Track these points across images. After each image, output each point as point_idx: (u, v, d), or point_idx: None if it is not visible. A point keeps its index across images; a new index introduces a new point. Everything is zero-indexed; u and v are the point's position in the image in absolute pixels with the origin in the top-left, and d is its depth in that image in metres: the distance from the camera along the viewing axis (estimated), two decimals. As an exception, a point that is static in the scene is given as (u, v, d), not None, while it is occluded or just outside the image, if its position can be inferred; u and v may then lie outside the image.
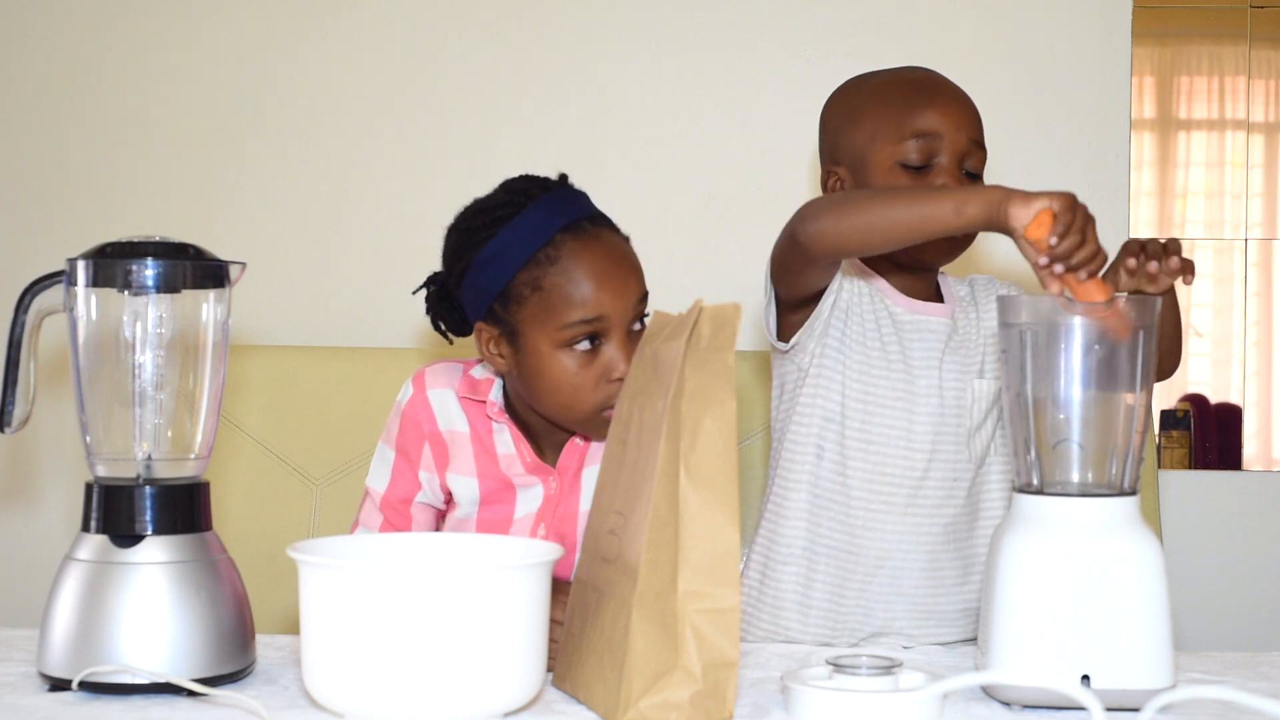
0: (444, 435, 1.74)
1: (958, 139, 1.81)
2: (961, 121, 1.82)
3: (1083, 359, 1.36)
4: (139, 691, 1.32)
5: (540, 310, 1.62)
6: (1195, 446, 2.63)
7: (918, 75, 1.89)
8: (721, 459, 1.26)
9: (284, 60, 2.63)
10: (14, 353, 1.42)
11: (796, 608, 1.82)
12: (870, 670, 1.28)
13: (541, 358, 1.63)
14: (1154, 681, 1.30)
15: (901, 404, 1.82)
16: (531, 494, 1.74)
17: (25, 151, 2.64)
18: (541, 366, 1.63)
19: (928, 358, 1.84)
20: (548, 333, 1.62)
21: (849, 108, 1.90)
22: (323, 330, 2.60)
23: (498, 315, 1.65)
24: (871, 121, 1.84)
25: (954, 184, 1.79)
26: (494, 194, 1.70)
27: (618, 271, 1.64)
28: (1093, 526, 1.33)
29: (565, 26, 2.61)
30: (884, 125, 1.83)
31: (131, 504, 1.36)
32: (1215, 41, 2.62)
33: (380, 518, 1.78)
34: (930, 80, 1.88)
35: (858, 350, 1.83)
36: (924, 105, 1.83)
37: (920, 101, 1.83)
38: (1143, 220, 2.62)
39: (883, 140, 1.83)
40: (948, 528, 1.82)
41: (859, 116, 1.87)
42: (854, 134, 1.86)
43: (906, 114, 1.82)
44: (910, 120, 1.82)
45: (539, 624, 1.25)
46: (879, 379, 1.83)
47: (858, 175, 1.85)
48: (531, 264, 1.62)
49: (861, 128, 1.85)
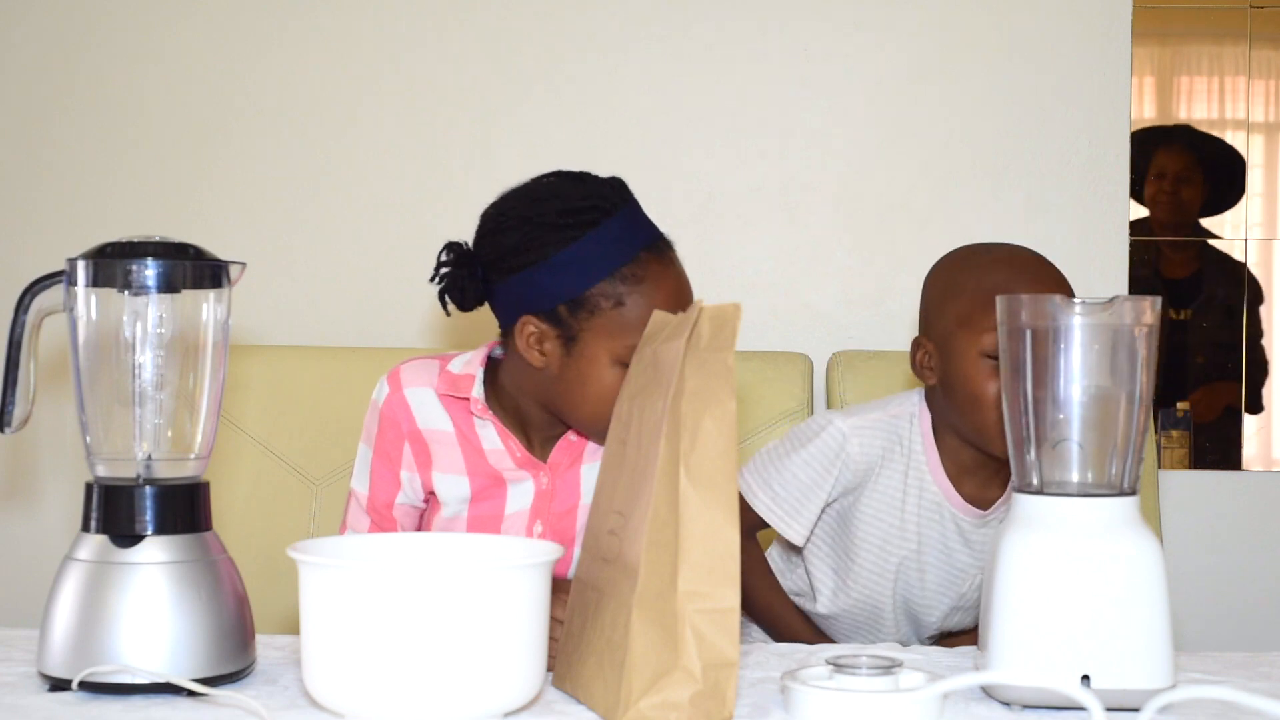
0: (424, 434, 1.73)
1: None
2: None
3: (1083, 359, 1.36)
4: (139, 691, 1.32)
5: (614, 323, 1.61)
6: (1194, 446, 2.63)
7: (1017, 259, 1.83)
8: (721, 459, 1.26)
9: (284, 60, 2.63)
10: (14, 353, 1.42)
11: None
12: (870, 670, 1.28)
13: (596, 368, 1.62)
14: (1154, 681, 1.30)
15: (897, 571, 1.91)
16: (522, 489, 1.73)
17: (25, 152, 2.64)
18: (591, 375, 1.63)
19: (946, 546, 1.90)
20: (611, 347, 1.62)
21: (946, 283, 1.85)
22: (323, 330, 2.60)
23: (559, 317, 1.63)
24: (963, 305, 1.80)
25: None
26: (559, 194, 1.66)
27: (686, 295, 1.65)
28: (1093, 526, 1.33)
29: (565, 27, 2.61)
30: (974, 314, 1.78)
31: (131, 504, 1.36)
32: (1215, 41, 2.62)
33: (368, 520, 1.77)
34: (1032, 269, 1.81)
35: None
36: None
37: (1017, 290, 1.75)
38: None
39: (969, 331, 1.78)
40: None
41: (954, 294, 1.82)
42: (945, 312, 1.83)
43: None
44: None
45: (539, 624, 1.25)
46: (890, 551, 1.90)
47: (943, 354, 1.83)
48: (616, 278, 1.61)
49: (952, 307, 1.81)
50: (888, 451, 1.86)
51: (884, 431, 1.87)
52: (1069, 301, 1.37)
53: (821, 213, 2.59)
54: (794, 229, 2.60)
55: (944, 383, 1.82)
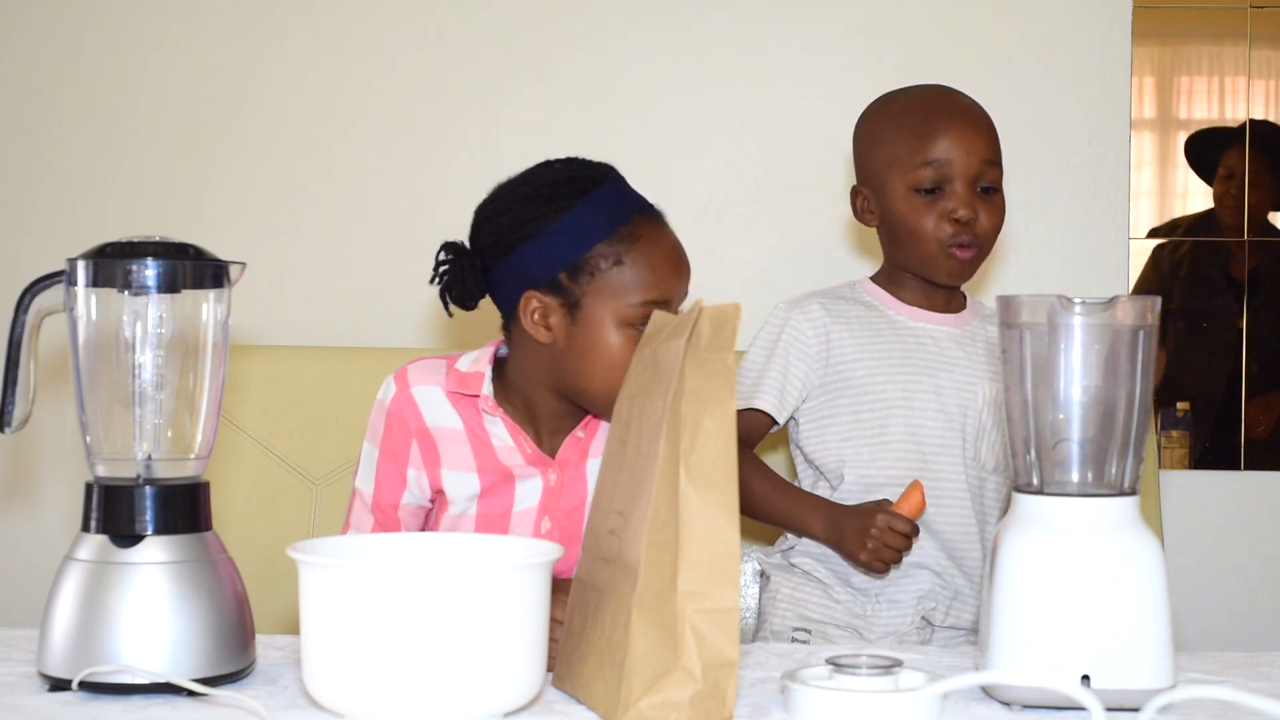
0: (432, 432, 1.73)
1: (969, 163, 1.91)
2: (973, 145, 1.92)
3: (1083, 359, 1.36)
4: (139, 691, 1.32)
5: (615, 283, 1.64)
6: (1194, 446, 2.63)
7: (932, 99, 1.97)
8: (721, 459, 1.26)
9: (284, 60, 2.63)
10: (14, 353, 1.42)
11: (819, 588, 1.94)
12: (870, 670, 1.28)
13: (600, 332, 1.65)
14: (1154, 681, 1.30)
15: (905, 404, 1.94)
16: (530, 485, 1.74)
17: (25, 152, 2.64)
18: (597, 340, 1.65)
19: (928, 362, 1.95)
20: (615, 308, 1.64)
21: (870, 132, 2.00)
22: (323, 330, 2.60)
23: (561, 286, 1.65)
24: (889, 148, 1.94)
25: (966, 209, 1.90)
26: (549, 172, 1.72)
27: (683, 260, 1.71)
28: (1093, 526, 1.33)
29: (565, 27, 2.61)
30: (899, 152, 1.93)
31: (131, 504, 1.36)
32: (1215, 41, 2.62)
33: (372, 519, 1.78)
34: (944, 104, 1.95)
35: (861, 368, 1.96)
36: (936, 132, 1.92)
37: (933, 129, 1.92)
38: (1143, 220, 2.62)
39: (898, 168, 1.93)
40: (960, 528, 1.94)
41: (879, 141, 1.97)
42: (874, 159, 1.97)
43: (919, 142, 1.92)
44: (923, 149, 1.91)
45: (539, 624, 1.25)
46: (885, 384, 1.94)
47: (878, 198, 1.97)
48: (613, 239, 1.65)
49: (880, 153, 1.96)
50: (834, 313, 1.97)
51: (821, 300, 1.99)
52: (1069, 301, 1.37)
53: (821, 213, 2.59)
54: (794, 229, 2.60)
55: (884, 224, 1.98)
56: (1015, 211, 2.57)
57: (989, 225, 1.93)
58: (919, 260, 1.95)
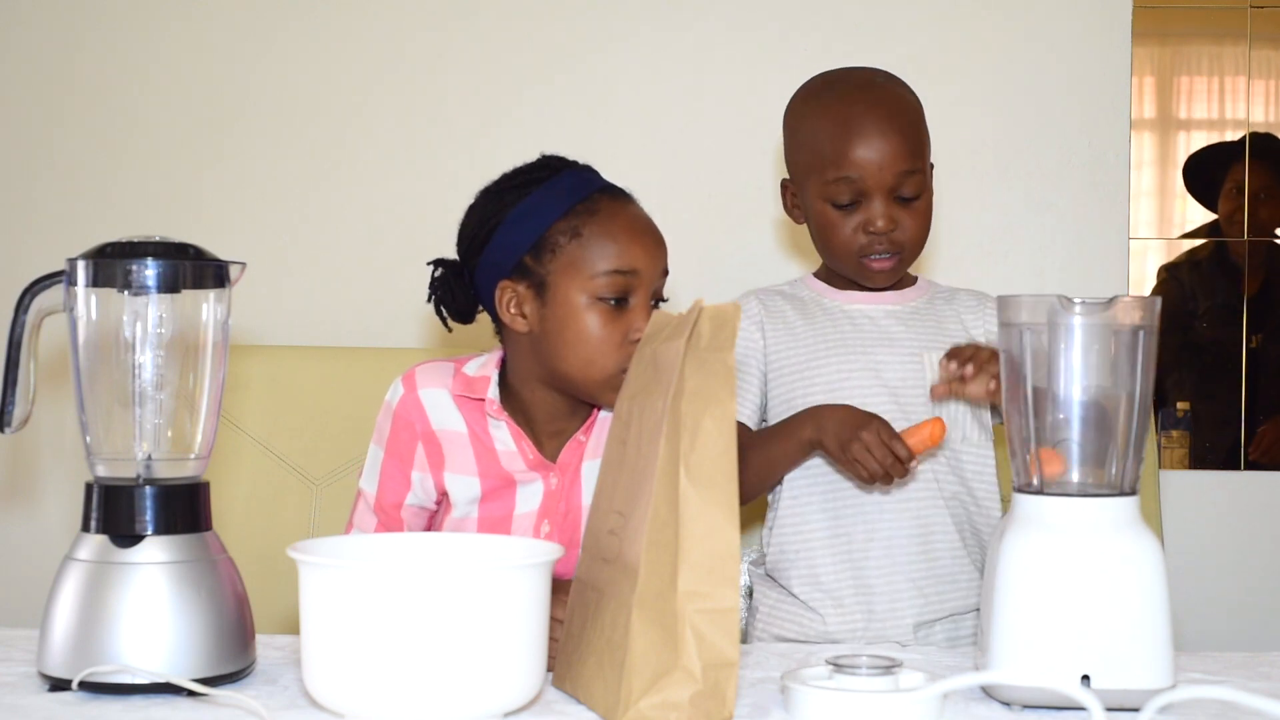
0: (438, 434, 1.74)
1: (883, 178, 1.85)
2: (887, 159, 1.85)
3: (1083, 359, 1.36)
4: (139, 691, 1.32)
5: (576, 257, 1.65)
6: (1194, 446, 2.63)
7: (850, 101, 1.89)
8: (721, 459, 1.26)
9: (284, 60, 2.63)
10: (14, 353, 1.42)
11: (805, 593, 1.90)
12: (870, 670, 1.28)
13: (570, 309, 1.65)
14: (1154, 681, 1.30)
15: (839, 385, 1.90)
16: (531, 490, 1.74)
17: (25, 152, 2.64)
18: (569, 318, 1.65)
19: (863, 342, 1.91)
20: (580, 282, 1.64)
21: (792, 130, 1.96)
22: (323, 330, 2.60)
23: (527, 268, 1.67)
24: (806, 154, 1.91)
25: (883, 220, 1.85)
26: (517, 169, 1.75)
27: (650, 232, 1.69)
28: (1093, 526, 1.33)
29: (565, 25, 2.61)
30: (815, 163, 1.88)
31: (131, 504, 1.36)
32: (1215, 41, 2.62)
33: (375, 520, 1.78)
34: (861, 109, 1.87)
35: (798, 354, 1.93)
36: (850, 147, 1.85)
37: (847, 144, 1.85)
38: (1142, 220, 2.62)
39: (815, 177, 1.89)
40: (930, 500, 1.89)
41: (799, 144, 1.93)
42: (796, 160, 1.94)
43: (834, 155, 1.86)
44: (837, 164, 1.86)
45: (539, 624, 1.25)
46: (820, 367, 1.91)
47: (801, 196, 1.94)
48: (570, 215, 1.66)
49: (800, 156, 1.92)
50: (770, 307, 1.95)
51: (760, 295, 1.98)
52: (1069, 301, 1.37)
53: (821, 213, 2.59)
54: (794, 229, 2.60)
55: (808, 224, 1.94)
56: (1015, 211, 2.58)
57: (912, 231, 1.88)
58: (840, 266, 1.92)
